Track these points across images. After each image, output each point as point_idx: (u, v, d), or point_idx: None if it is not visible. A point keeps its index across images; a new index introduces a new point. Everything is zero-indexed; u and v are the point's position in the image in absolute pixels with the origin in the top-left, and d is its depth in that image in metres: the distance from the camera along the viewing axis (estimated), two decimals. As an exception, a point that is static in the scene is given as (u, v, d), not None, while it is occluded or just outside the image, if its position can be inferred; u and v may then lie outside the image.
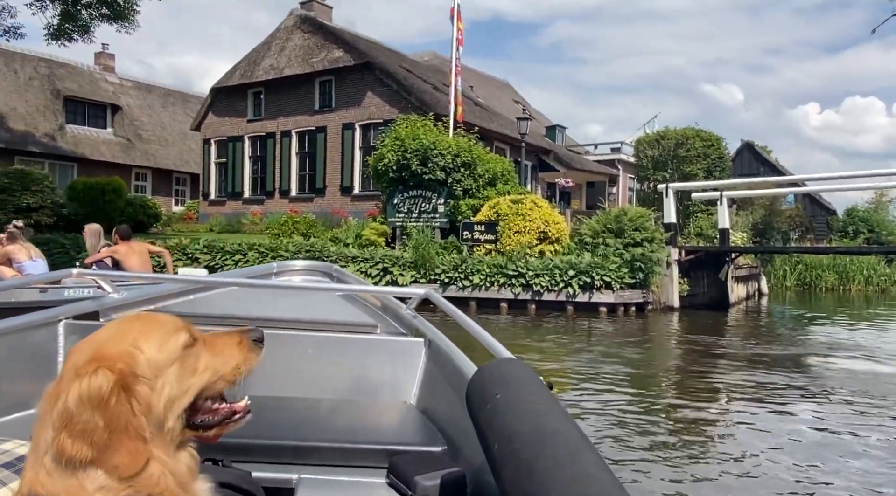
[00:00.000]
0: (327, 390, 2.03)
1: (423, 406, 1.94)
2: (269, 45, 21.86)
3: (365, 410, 1.90)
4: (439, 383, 1.88)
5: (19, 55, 23.11)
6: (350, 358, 2.09)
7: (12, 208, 16.18)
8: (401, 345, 2.12)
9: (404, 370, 2.07)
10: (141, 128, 25.65)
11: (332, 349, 2.10)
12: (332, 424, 1.74)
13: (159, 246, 8.75)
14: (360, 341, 2.13)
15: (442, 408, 1.80)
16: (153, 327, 0.79)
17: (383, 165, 13.42)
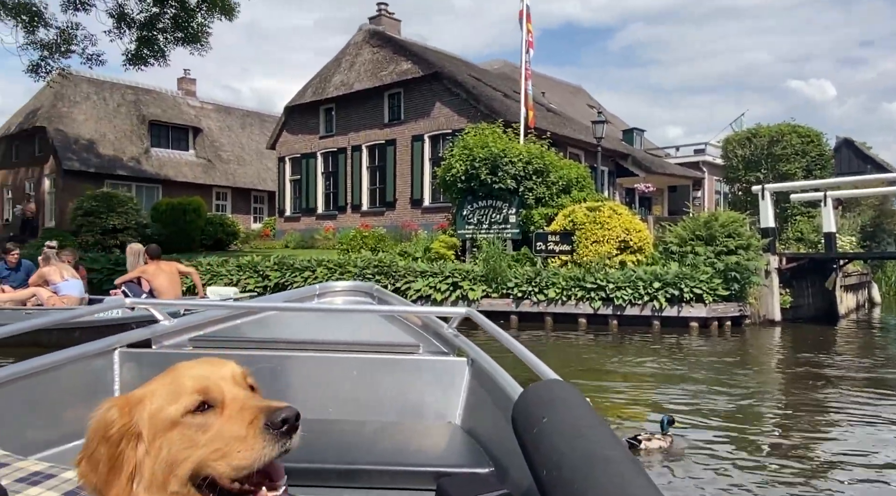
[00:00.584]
0: (371, 412, 2.03)
1: (469, 426, 1.91)
2: (339, 61, 22.02)
3: (410, 432, 1.89)
4: (484, 403, 1.86)
5: (108, 84, 24.40)
6: (393, 379, 2.08)
7: (99, 230, 16.87)
8: (443, 365, 2.09)
9: (448, 390, 2.05)
10: (221, 148, 26.49)
11: (375, 370, 2.09)
12: (378, 446, 1.73)
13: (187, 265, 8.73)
14: (402, 362, 2.12)
15: (487, 429, 1.77)
16: (172, 383, 0.78)
17: (451, 176, 12.95)
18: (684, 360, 7.99)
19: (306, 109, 22.34)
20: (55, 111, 22.03)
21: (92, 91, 23.63)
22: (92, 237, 16.68)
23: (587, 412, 1.06)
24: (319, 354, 2.15)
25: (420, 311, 2.45)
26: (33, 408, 1.80)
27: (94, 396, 1.86)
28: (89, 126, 22.63)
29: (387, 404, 2.07)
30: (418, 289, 10.82)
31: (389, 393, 2.09)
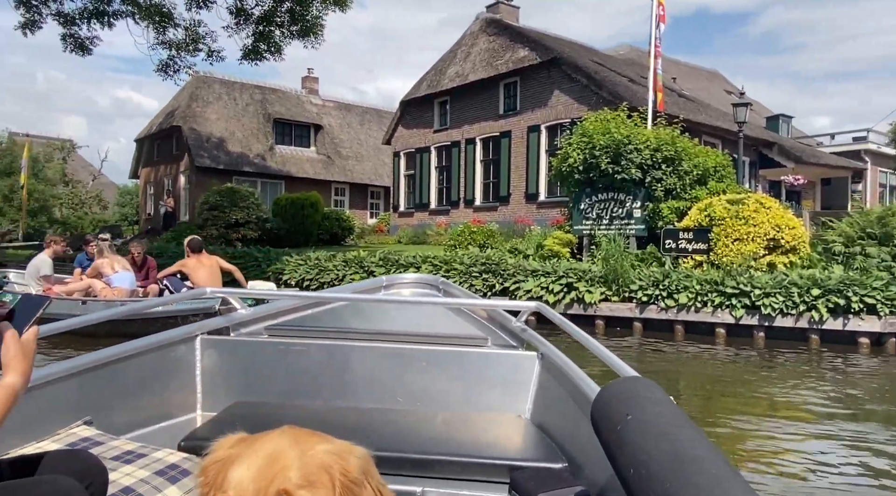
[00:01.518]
0: (441, 403, 2.10)
1: (539, 420, 1.93)
2: (454, 52, 21.46)
3: (480, 424, 1.92)
4: (556, 398, 1.86)
5: (238, 84, 25.52)
6: (461, 371, 2.15)
7: (223, 224, 17.44)
8: (512, 358, 2.14)
9: (517, 384, 2.08)
10: (340, 145, 26.92)
11: (443, 362, 2.16)
12: (451, 437, 1.78)
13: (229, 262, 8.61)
14: (470, 354, 2.18)
15: (560, 424, 1.78)
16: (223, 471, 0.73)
17: (568, 166, 11.82)
18: (854, 387, 6.42)
19: (421, 103, 21.99)
20: (190, 111, 23.33)
21: (223, 91, 24.81)
22: (216, 230, 17.28)
23: (673, 410, 1.02)
24: (388, 345, 2.17)
25: (487, 304, 2.39)
26: (123, 390, 1.89)
27: (178, 380, 2.06)
28: (220, 125, 23.75)
29: (456, 396, 2.08)
30: (528, 289, 9.86)
31: (458, 385, 2.10)
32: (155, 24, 15.13)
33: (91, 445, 1.44)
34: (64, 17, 15.66)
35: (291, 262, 12.53)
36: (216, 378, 2.20)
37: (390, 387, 2.13)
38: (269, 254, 13.47)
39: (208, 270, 7.31)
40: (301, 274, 12.17)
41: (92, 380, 1.81)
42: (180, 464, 1.47)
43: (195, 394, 2.17)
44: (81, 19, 15.84)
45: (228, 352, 2.21)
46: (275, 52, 14.82)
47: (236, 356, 2.24)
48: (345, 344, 2.24)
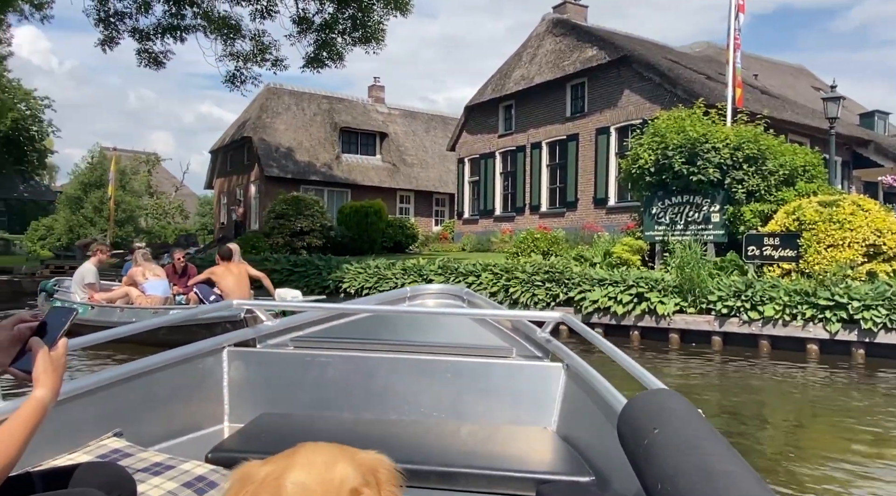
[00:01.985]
0: (466, 414, 2.08)
1: (566, 433, 1.90)
2: (519, 55, 20.98)
3: (506, 436, 1.88)
4: (582, 410, 1.83)
5: (307, 95, 25.96)
6: (486, 382, 2.12)
7: (288, 232, 17.60)
8: (537, 369, 2.10)
9: (542, 396, 2.04)
10: (405, 152, 26.89)
11: (468, 373, 2.13)
12: (476, 449, 1.75)
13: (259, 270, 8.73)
14: (495, 366, 2.14)
15: (587, 437, 1.76)
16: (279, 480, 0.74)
17: (638, 168, 11.08)
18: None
19: (485, 108, 21.60)
20: (260, 122, 23.87)
21: (292, 102, 25.28)
22: (282, 238, 17.46)
23: (701, 423, 1.01)
24: (413, 356, 2.16)
25: (512, 315, 2.39)
26: (152, 402, 1.90)
27: (205, 392, 2.08)
28: (288, 135, 24.19)
29: (481, 407, 2.07)
30: (595, 299, 9.23)
31: (483, 396, 2.08)
32: (223, 37, 15.45)
33: (121, 457, 1.46)
34: (139, 32, 16.25)
35: (351, 271, 12.37)
36: (243, 389, 2.22)
37: (415, 398, 2.12)
38: (330, 262, 13.38)
39: (236, 278, 7.37)
40: (360, 282, 11.98)
41: (121, 392, 1.83)
42: (207, 476, 1.49)
43: (222, 405, 2.18)
44: (155, 35, 16.40)
45: (255, 364, 2.22)
46: (336, 60, 14.84)
47: (262, 367, 2.25)
48: (370, 355, 2.23)
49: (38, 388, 1.00)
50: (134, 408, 1.86)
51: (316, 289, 12.72)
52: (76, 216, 39.03)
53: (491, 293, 10.24)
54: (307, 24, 14.39)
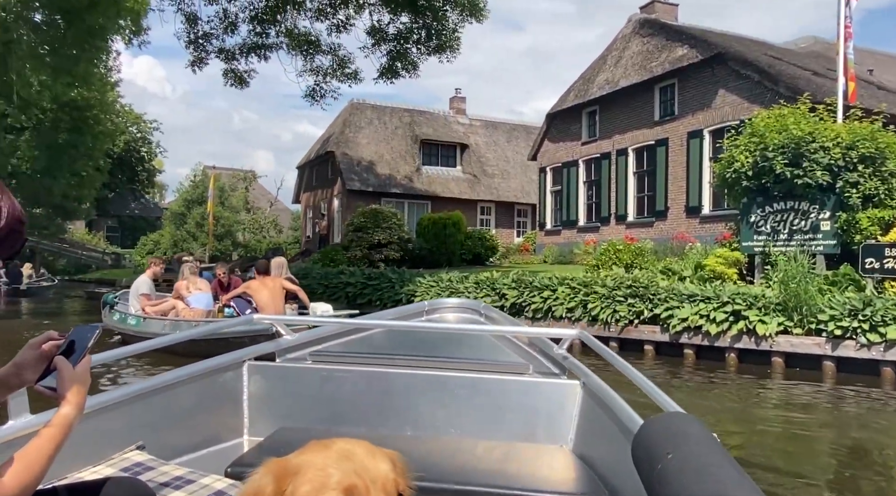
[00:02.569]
0: (482, 431, 2.06)
1: (581, 452, 1.89)
2: (604, 58, 20.09)
3: (522, 454, 1.88)
4: (599, 429, 1.81)
5: (389, 109, 26.16)
6: (503, 399, 2.10)
7: (366, 245, 17.57)
8: (554, 387, 2.09)
9: (559, 413, 2.03)
10: (486, 163, 26.48)
11: (485, 389, 2.12)
12: (492, 468, 1.75)
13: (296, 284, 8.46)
14: (512, 382, 2.13)
15: (603, 456, 1.74)
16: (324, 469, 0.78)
17: (733, 172, 10.04)
18: None
19: (568, 114, 20.82)
20: (343, 137, 24.24)
21: (374, 116, 25.54)
22: (360, 251, 17.45)
23: (715, 448, 1.01)
24: (430, 372, 2.18)
25: (529, 332, 2.36)
26: (173, 415, 1.95)
27: (226, 405, 2.15)
28: (370, 148, 24.41)
29: (497, 424, 2.06)
30: (684, 317, 8.34)
31: (499, 413, 2.07)
32: (303, 53, 15.69)
33: (143, 470, 1.49)
34: (225, 52, 16.81)
35: (423, 284, 12.02)
36: (262, 403, 2.22)
37: (431, 414, 2.12)
38: (403, 275, 13.10)
39: (270, 292, 7.43)
40: (432, 296, 11.59)
41: (144, 405, 1.86)
42: (226, 491, 1.51)
43: (242, 419, 2.19)
44: (240, 54, 16.92)
45: (274, 378, 2.24)
46: (411, 70, 14.67)
47: (281, 382, 2.26)
48: (387, 371, 2.24)
49: (64, 406, 1.03)
50: (156, 421, 1.89)
51: (389, 303, 12.46)
52: (180, 231, 41.44)
53: (568, 309, 9.55)
54: (381, 36, 14.34)
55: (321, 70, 15.49)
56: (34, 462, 0.96)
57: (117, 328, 7.97)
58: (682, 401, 1.54)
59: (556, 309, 9.64)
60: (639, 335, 8.89)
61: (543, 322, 9.83)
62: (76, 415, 1.04)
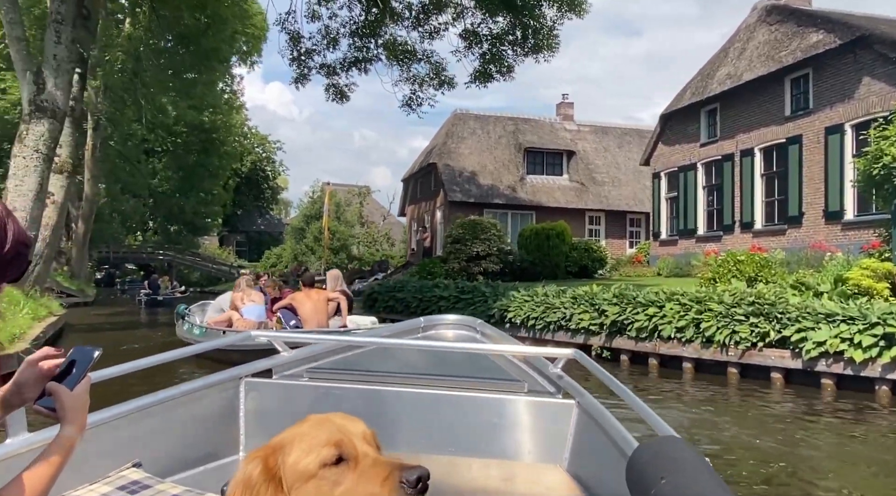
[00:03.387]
0: (477, 450, 2.06)
1: (576, 472, 1.90)
2: (725, 51, 18.35)
3: (518, 473, 1.92)
4: (593, 451, 1.84)
5: (492, 118, 25.63)
6: (498, 417, 2.11)
7: (465, 257, 17.02)
8: (549, 406, 2.11)
9: (554, 432, 2.03)
10: (595, 170, 25.17)
11: (479, 408, 2.14)
12: (487, 486, 1.79)
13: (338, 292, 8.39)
14: (507, 401, 2.15)
15: (597, 477, 1.75)
16: (309, 434, 0.85)
17: (881, 168, 8.42)
18: None
19: (685, 114, 19.18)
20: (445, 148, 23.98)
21: (477, 126, 25.11)
22: (458, 264, 16.94)
23: (709, 475, 1.01)
24: (425, 390, 2.20)
25: (525, 351, 2.35)
26: (170, 432, 1.94)
27: (223, 422, 2.12)
28: (472, 159, 23.96)
29: (492, 443, 2.07)
30: (821, 341, 6.94)
31: (494, 432, 2.08)
32: (399, 63, 15.53)
33: (140, 488, 1.51)
34: (327, 68, 17.03)
35: (517, 299, 11.22)
36: (259, 420, 2.20)
37: (427, 432, 2.14)
38: (497, 289, 12.37)
39: (314, 304, 7.50)
40: (526, 311, 10.77)
41: (141, 423, 1.85)
42: None
43: (239, 436, 2.18)
44: (341, 69, 17.07)
45: (270, 395, 2.24)
46: (506, 73, 14.00)
47: (278, 399, 2.26)
48: (382, 388, 2.26)
49: (65, 427, 1.04)
50: (153, 438, 1.88)
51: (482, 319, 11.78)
52: (299, 245, 43.40)
53: (677, 328, 8.38)
54: (475, 38, 13.81)
55: (417, 79, 15.22)
56: (36, 485, 0.97)
57: (185, 338, 8.42)
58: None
59: (664, 328, 8.49)
60: (763, 360, 7.57)
61: (648, 342, 8.72)
62: (77, 438, 1.05)
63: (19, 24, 10.89)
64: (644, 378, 8.27)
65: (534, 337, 10.70)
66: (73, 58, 11.46)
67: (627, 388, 1.66)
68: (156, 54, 18.50)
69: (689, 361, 8.26)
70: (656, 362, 8.68)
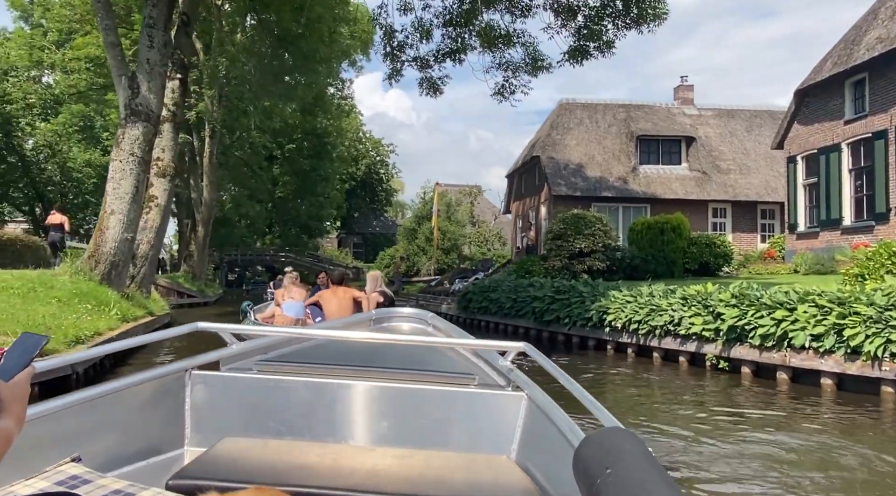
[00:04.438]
0: (426, 441, 2.07)
1: (524, 463, 1.94)
2: (874, 13, 15.75)
3: (466, 465, 1.91)
4: (541, 442, 1.88)
5: (601, 106, 23.99)
6: (448, 410, 2.14)
7: (566, 254, 15.79)
8: (498, 398, 2.13)
9: (503, 424, 2.08)
10: (719, 158, 22.78)
11: (429, 400, 2.15)
12: (434, 478, 1.78)
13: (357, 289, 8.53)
14: (457, 393, 2.16)
15: (544, 469, 1.80)
16: None
17: None
18: None
19: (824, 88, 16.66)
20: (549, 140, 22.73)
21: (585, 115, 23.60)
22: (559, 261, 15.73)
23: (652, 466, 1.04)
24: (375, 383, 2.19)
25: (475, 344, 2.31)
26: (112, 426, 1.89)
27: (168, 416, 2.08)
28: (579, 150, 22.51)
29: (441, 435, 2.09)
30: None
31: (444, 424, 2.11)
32: (492, 49, 14.66)
33: (79, 483, 1.47)
34: (420, 61, 16.50)
35: (618, 299, 9.94)
36: (206, 414, 2.17)
37: (376, 425, 2.14)
38: (596, 288, 11.11)
39: (339, 302, 7.53)
40: (628, 314, 9.48)
41: (81, 416, 1.80)
42: None
43: (184, 429, 2.14)
44: (435, 61, 16.48)
45: (218, 388, 2.20)
46: (605, 49, 12.63)
47: (226, 392, 2.22)
48: (332, 381, 2.23)
49: (2, 419, 0.98)
50: (94, 432, 1.82)
51: (578, 322, 10.60)
52: (412, 245, 43.78)
53: (812, 336, 6.81)
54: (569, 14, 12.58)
55: (510, 65, 14.23)
56: None
57: None
58: None
59: (795, 335, 6.95)
60: (933, 380, 5.88)
61: (775, 352, 7.19)
62: (16, 430, 0.99)
63: (113, 29, 11.21)
64: (770, 396, 6.78)
65: (636, 342, 9.39)
66: (164, 61, 11.68)
67: (575, 381, 1.67)
68: (259, 59, 18.91)
69: (828, 377, 6.67)
70: (786, 377, 7.14)
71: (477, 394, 2.11)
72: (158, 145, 13.90)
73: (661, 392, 7.45)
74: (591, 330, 10.32)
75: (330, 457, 1.88)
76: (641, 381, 8.04)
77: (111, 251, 11.08)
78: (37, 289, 8.63)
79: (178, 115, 14.21)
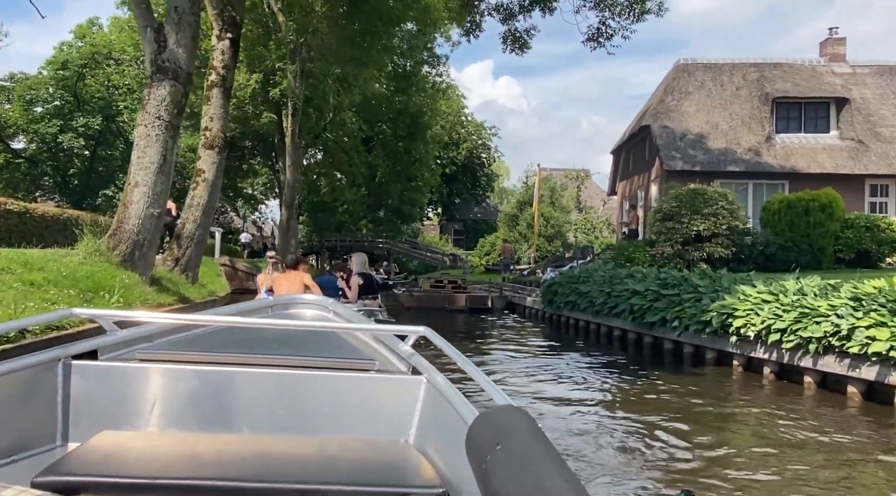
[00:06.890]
0: (323, 428, 2.06)
1: (422, 446, 1.96)
2: None
3: (362, 450, 1.93)
4: (438, 424, 1.91)
5: (728, 66, 20.33)
6: (347, 396, 2.12)
7: (680, 238, 12.84)
8: (398, 383, 2.14)
9: (402, 409, 2.07)
10: (880, 123, 18.49)
11: (327, 386, 2.12)
12: (330, 465, 1.77)
13: None
14: (356, 379, 2.15)
15: (441, 450, 1.83)
16: None
17: None
18: None
19: None
20: (662, 107, 19.47)
21: (707, 77, 20.07)
22: (670, 247, 12.82)
23: (540, 440, 1.07)
24: (270, 370, 2.15)
25: (375, 329, 2.36)
26: None
27: (38, 409, 1.94)
28: (699, 117, 19.09)
29: (339, 421, 2.08)
30: None
31: (343, 410, 2.10)
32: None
33: None
34: (502, 10, 14.10)
35: (751, 297, 7.13)
36: (81, 407, 2.01)
37: (271, 413, 2.05)
38: (719, 281, 8.28)
39: (288, 286, 7.27)
40: (764, 319, 6.67)
41: None
42: None
43: (56, 423, 1.99)
44: (521, 10, 14.03)
45: (96, 379, 2.05)
46: None
47: (105, 382, 2.07)
48: (223, 369, 2.12)
49: None
50: None
51: (691, 326, 7.87)
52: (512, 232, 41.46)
53: None
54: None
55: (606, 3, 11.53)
56: None
57: None
58: None
59: None
60: None
61: None
62: None
63: (135, -25, 9.78)
64: None
65: (778, 359, 6.59)
66: (195, 9, 10.15)
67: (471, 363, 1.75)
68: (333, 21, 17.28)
69: None
70: None
71: (376, 379, 2.09)
72: (207, 113, 12.56)
73: (822, 449, 4.70)
74: (711, 338, 7.57)
75: (216, 448, 1.79)
76: (789, 422, 5.30)
77: (134, 229, 9.75)
78: (14, 269, 7.28)
79: (227, 80, 12.79)
